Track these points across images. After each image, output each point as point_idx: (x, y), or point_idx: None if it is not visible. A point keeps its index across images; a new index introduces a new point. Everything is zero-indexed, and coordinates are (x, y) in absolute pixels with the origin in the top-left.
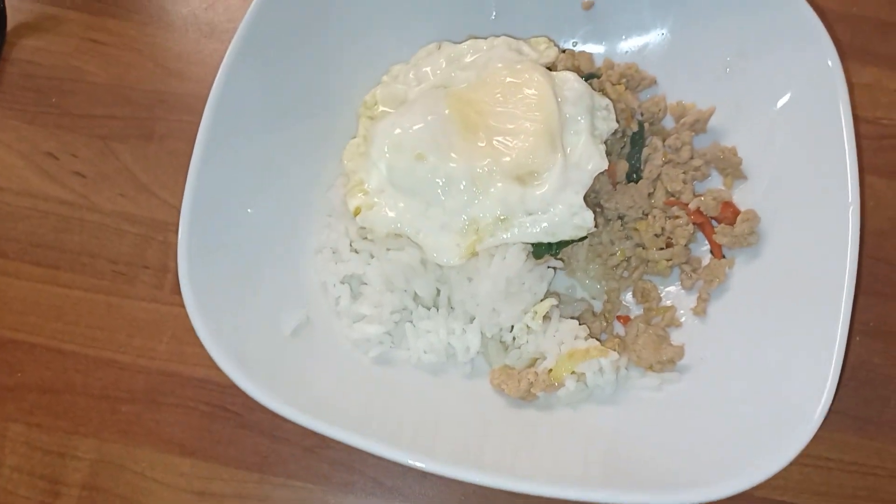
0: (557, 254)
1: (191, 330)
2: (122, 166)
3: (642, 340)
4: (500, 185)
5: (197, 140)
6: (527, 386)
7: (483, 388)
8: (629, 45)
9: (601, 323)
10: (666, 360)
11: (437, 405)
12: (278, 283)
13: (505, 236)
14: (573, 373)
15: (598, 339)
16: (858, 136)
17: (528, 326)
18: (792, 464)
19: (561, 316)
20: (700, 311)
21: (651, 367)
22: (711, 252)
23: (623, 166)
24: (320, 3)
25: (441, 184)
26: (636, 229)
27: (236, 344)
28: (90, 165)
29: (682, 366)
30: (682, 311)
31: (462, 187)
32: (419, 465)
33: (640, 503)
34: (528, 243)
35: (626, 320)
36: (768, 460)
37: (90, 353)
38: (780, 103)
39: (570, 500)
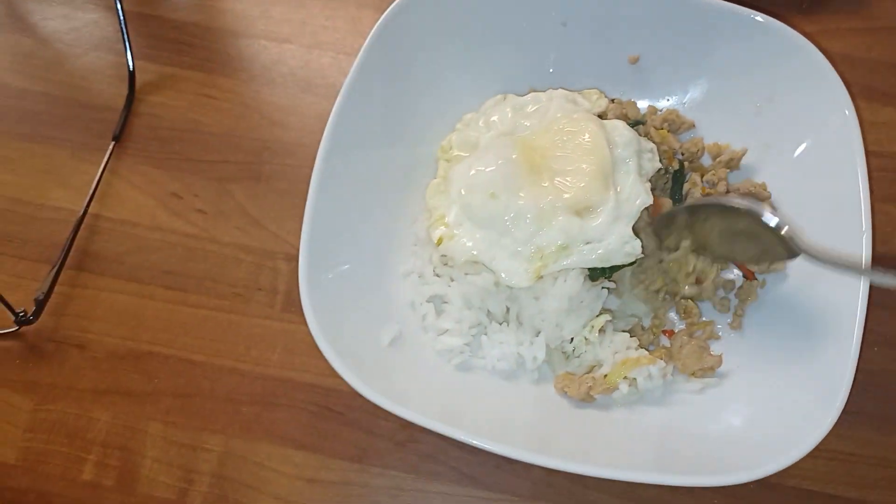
0: (610, 276)
1: (300, 342)
2: (236, 204)
3: (686, 350)
4: (561, 218)
5: (311, 185)
6: (586, 389)
7: (548, 392)
8: (670, 93)
9: (649, 336)
10: (707, 367)
11: (510, 405)
12: (375, 302)
13: (566, 262)
14: (626, 378)
15: (646, 350)
16: (872, 170)
17: (586, 339)
18: (819, 458)
19: (614, 329)
20: (736, 325)
21: (694, 374)
22: (744, 276)
23: (667, 203)
24: (404, 63)
25: (511, 218)
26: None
27: (347, 354)
28: (210, 203)
29: (721, 372)
30: (720, 326)
31: (528, 221)
32: (497, 449)
33: (684, 484)
34: (585, 268)
35: (670, 333)
36: (795, 447)
37: (215, 362)
38: (803, 144)
39: (625, 480)
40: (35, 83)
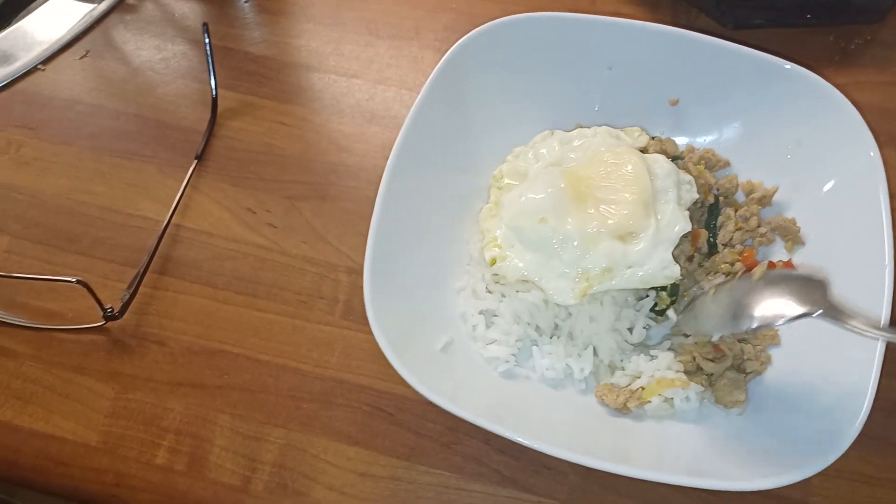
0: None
1: (356, 347)
2: (304, 220)
3: (721, 383)
4: (605, 243)
5: (375, 205)
6: (623, 401)
7: (592, 402)
8: (707, 133)
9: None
10: (733, 401)
11: (552, 410)
12: (430, 313)
13: (610, 283)
14: (661, 395)
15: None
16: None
17: None
18: (842, 478)
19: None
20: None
21: (725, 405)
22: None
23: (704, 234)
24: (461, 99)
25: (559, 241)
26: None
27: (405, 357)
28: (280, 219)
29: (751, 394)
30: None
31: (575, 244)
32: (539, 447)
33: (712, 487)
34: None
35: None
36: (818, 460)
37: (279, 362)
38: (831, 183)
39: (656, 481)
40: (128, 106)
